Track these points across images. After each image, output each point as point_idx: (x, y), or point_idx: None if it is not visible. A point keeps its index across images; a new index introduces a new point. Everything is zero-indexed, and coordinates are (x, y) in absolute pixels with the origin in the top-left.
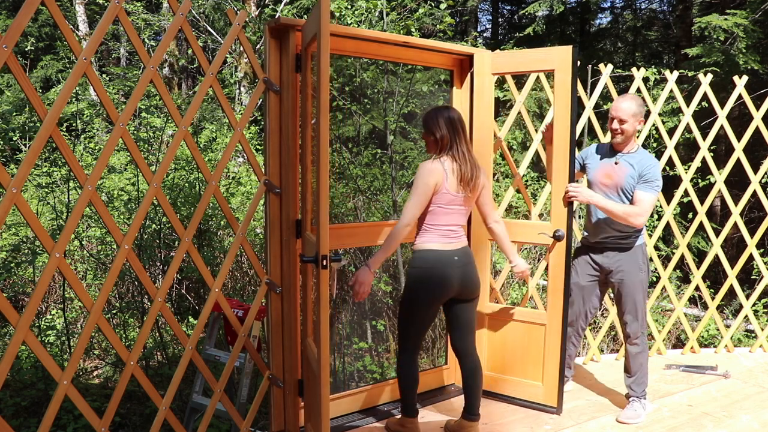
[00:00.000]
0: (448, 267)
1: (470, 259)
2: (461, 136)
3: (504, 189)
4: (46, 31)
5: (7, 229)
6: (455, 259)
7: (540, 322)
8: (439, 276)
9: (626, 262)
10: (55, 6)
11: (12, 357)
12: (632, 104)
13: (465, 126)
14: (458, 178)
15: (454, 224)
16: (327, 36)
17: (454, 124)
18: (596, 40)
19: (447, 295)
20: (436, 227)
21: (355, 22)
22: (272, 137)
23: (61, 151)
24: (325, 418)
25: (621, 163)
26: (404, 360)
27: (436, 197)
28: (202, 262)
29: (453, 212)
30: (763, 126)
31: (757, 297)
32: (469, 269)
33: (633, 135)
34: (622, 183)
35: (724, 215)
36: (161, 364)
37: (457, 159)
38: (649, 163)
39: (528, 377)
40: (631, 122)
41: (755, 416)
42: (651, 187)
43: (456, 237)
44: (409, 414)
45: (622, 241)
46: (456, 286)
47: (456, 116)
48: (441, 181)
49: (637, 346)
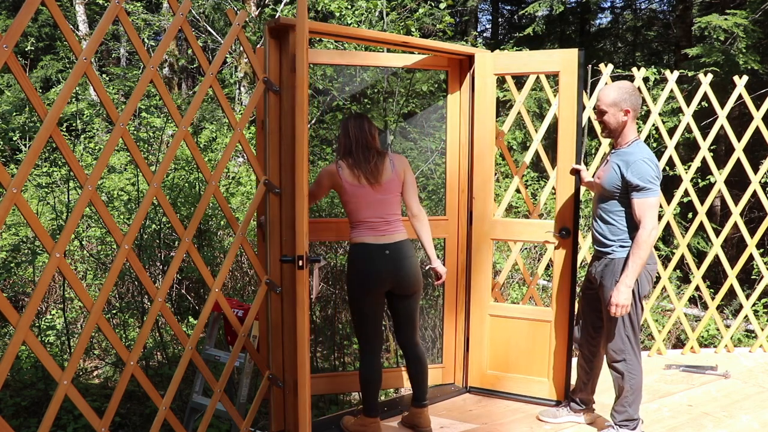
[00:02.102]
0: (377, 260)
1: (405, 254)
2: (357, 138)
3: (504, 189)
4: (46, 31)
5: (7, 229)
6: (386, 252)
7: (546, 319)
8: (368, 269)
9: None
10: (55, 6)
11: (12, 357)
12: (611, 91)
13: (364, 129)
14: (353, 171)
15: (376, 216)
16: (304, 31)
17: (349, 128)
18: (596, 40)
19: (379, 287)
20: (360, 222)
21: (355, 22)
22: (272, 137)
23: (61, 151)
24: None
25: (609, 162)
26: (362, 361)
27: (344, 194)
28: (202, 262)
29: (368, 204)
30: (763, 126)
31: (757, 297)
32: (405, 264)
33: (621, 127)
34: (603, 184)
35: (724, 215)
36: (161, 364)
37: (352, 159)
38: (634, 160)
39: (534, 374)
40: (612, 112)
41: (755, 416)
42: (643, 192)
43: (385, 230)
44: (369, 414)
45: (602, 249)
46: (388, 280)
47: (352, 124)
48: (337, 179)
49: (614, 371)
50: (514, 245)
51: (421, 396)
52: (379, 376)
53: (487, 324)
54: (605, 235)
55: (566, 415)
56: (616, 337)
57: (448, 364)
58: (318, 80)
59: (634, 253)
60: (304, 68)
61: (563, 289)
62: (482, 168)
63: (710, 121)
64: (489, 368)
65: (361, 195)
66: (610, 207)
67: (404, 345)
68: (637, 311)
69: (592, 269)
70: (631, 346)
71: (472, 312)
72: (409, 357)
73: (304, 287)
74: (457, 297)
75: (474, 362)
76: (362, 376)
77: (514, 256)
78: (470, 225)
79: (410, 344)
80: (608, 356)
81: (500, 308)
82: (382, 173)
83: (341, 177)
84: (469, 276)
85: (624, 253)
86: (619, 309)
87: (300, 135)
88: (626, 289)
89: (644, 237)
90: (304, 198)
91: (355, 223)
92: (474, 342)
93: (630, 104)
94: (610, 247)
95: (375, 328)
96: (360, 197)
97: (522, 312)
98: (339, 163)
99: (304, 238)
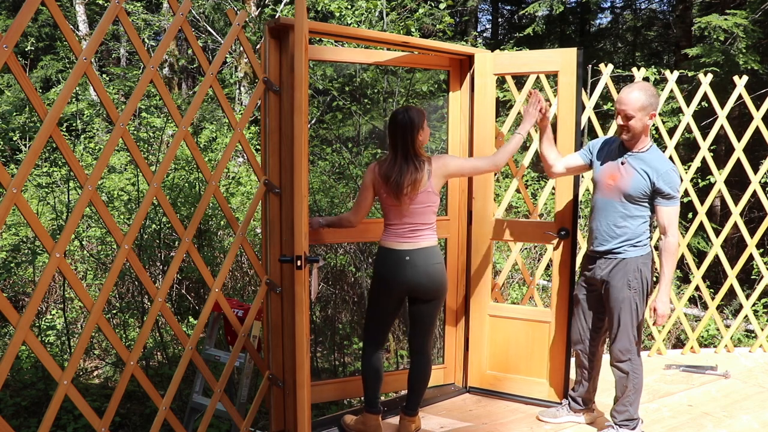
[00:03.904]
0: (398, 266)
1: (427, 261)
2: (395, 141)
3: (504, 189)
4: (46, 31)
5: (7, 229)
6: (406, 258)
7: (544, 320)
8: (388, 273)
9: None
10: (55, 6)
11: (12, 357)
12: (641, 95)
13: (407, 128)
14: (385, 181)
15: (403, 224)
16: (302, 31)
17: (392, 128)
18: (596, 40)
19: (397, 292)
20: (388, 226)
21: (355, 22)
22: (272, 137)
23: (62, 151)
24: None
25: (628, 165)
26: (364, 354)
27: (381, 198)
28: (202, 262)
29: (398, 212)
30: (763, 126)
31: (757, 297)
32: (426, 270)
33: (643, 131)
34: (626, 189)
35: (724, 215)
36: (161, 364)
37: (388, 164)
38: (664, 169)
39: (533, 375)
40: (639, 117)
41: (755, 416)
42: (672, 201)
43: (410, 237)
44: (370, 410)
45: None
46: (406, 286)
47: (398, 119)
48: (375, 182)
49: (618, 370)
50: (514, 245)
51: (412, 404)
52: (379, 370)
53: (486, 324)
54: (616, 236)
55: (566, 415)
56: (623, 337)
57: (449, 364)
58: (318, 80)
59: (668, 261)
60: (303, 68)
61: (562, 290)
62: None
63: (710, 121)
64: (489, 368)
65: (392, 203)
66: (628, 211)
67: (412, 350)
68: (642, 312)
69: (596, 270)
70: (635, 346)
71: (472, 312)
72: (416, 363)
73: (302, 287)
74: (457, 297)
75: (474, 362)
76: (363, 369)
77: (514, 256)
78: (470, 225)
79: (419, 351)
80: (614, 356)
81: (499, 308)
82: (417, 187)
83: (377, 179)
84: (468, 276)
85: (635, 252)
86: (664, 319)
87: (299, 135)
88: (668, 299)
89: (675, 244)
90: (303, 198)
91: (385, 224)
92: (474, 342)
93: (655, 107)
94: (621, 247)
95: (382, 327)
96: (390, 205)
97: (520, 313)
98: (377, 164)
99: (302, 238)
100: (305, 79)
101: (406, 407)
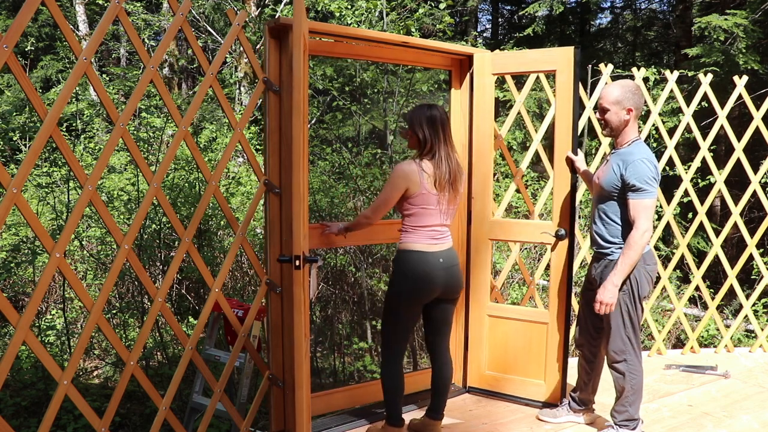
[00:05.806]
0: (434, 269)
1: (455, 261)
2: (441, 136)
3: (504, 189)
4: (46, 31)
5: (7, 229)
6: (440, 261)
7: (542, 320)
8: (424, 278)
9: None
10: (55, 6)
11: (12, 357)
12: (616, 89)
13: (448, 125)
14: (435, 179)
15: (439, 225)
16: (301, 31)
17: (436, 124)
18: (596, 40)
19: (430, 296)
20: (420, 229)
21: (355, 22)
22: (272, 137)
23: (61, 151)
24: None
25: (609, 161)
26: (387, 370)
27: (415, 199)
28: (202, 262)
29: (436, 213)
30: (763, 126)
31: (757, 297)
32: (454, 271)
33: (623, 126)
34: (602, 186)
35: (724, 215)
36: (161, 364)
37: (435, 161)
38: (632, 160)
39: (531, 376)
40: (614, 110)
41: (755, 416)
42: (639, 193)
43: (440, 238)
44: (393, 423)
45: (602, 250)
46: (440, 288)
47: (438, 115)
48: (416, 183)
49: (614, 371)
50: (514, 245)
51: (438, 407)
52: (403, 383)
53: (486, 324)
54: (604, 236)
55: (566, 415)
56: (617, 338)
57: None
58: (318, 80)
59: (625, 253)
60: (302, 68)
61: (560, 291)
62: (481, 168)
63: (710, 121)
64: (488, 369)
65: (435, 203)
66: (609, 208)
67: (435, 350)
68: (638, 312)
69: (593, 270)
70: (632, 346)
71: (472, 312)
72: (438, 365)
73: (301, 287)
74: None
75: (473, 362)
76: (387, 384)
77: (514, 256)
78: (469, 225)
79: (442, 349)
80: (609, 357)
81: (498, 309)
82: (458, 183)
83: (422, 181)
84: (468, 276)
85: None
86: (604, 307)
87: (298, 135)
88: (613, 288)
89: (636, 238)
90: (302, 198)
91: (415, 228)
92: (473, 342)
93: (633, 103)
94: (609, 248)
95: (407, 335)
96: (432, 205)
97: (519, 313)
98: (420, 163)
99: (301, 238)
100: (304, 79)
101: (435, 412)
